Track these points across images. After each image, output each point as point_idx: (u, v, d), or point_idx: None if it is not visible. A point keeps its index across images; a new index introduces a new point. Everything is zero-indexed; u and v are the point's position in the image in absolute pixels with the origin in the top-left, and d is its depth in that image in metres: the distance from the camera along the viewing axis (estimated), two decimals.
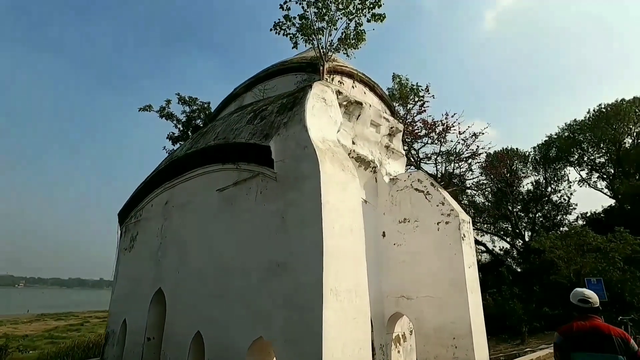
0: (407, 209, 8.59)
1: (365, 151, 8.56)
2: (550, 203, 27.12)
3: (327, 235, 4.58)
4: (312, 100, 5.89)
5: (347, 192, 5.18)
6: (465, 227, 7.82)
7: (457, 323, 7.17)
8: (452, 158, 18.15)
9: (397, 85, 10.32)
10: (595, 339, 2.95)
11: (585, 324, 3.05)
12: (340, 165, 5.30)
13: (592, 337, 2.96)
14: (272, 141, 5.67)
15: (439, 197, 8.16)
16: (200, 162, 7.54)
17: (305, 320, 4.36)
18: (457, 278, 7.39)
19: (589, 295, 3.19)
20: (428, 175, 8.92)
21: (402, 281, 8.21)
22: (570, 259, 13.99)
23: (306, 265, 4.60)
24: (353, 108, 8.16)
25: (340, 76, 8.81)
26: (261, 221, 5.55)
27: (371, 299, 8.19)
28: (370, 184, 9.00)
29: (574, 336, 3.04)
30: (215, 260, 6.38)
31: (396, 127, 9.32)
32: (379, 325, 8.17)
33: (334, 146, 5.64)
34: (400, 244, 8.47)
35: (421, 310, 7.74)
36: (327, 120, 6.02)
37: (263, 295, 5.08)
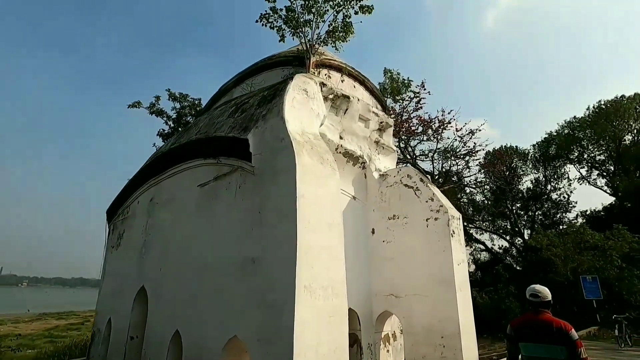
0: (396, 206, 8.40)
1: (354, 146, 8.37)
2: (550, 201, 26.88)
3: (302, 230, 4.41)
4: (292, 92, 5.71)
5: (326, 186, 5.00)
6: (454, 223, 7.62)
7: (445, 322, 6.98)
8: (449, 155, 17.94)
9: (389, 80, 10.12)
10: (539, 331, 3.21)
11: (533, 317, 3.34)
12: (320, 159, 5.12)
13: (537, 328, 3.24)
14: (250, 134, 5.51)
15: (428, 193, 7.97)
16: (183, 158, 7.38)
17: (277, 319, 4.18)
18: (446, 275, 7.19)
19: (539, 291, 3.47)
20: (418, 171, 8.73)
21: (391, 279, 8.02)
22: (567, 257, 13.76)
23: (280, 261, 4.43)
24: (340, 102, 7.97)
25: (329, 70, 8.63)
26: (238, 216, 5.39)
27: (360, 297, 8.09)
28: (359, 180, 8.81)
29: (522, 328, 3.36)
30: (194, 257, 6.22)
31: (386, 122, 9.13)
32: (368, 323, 7.99)
33: (314, 139, 5.46)
34: (390, 241, 8.29)
35: (410, 308, 7.56)
36: (308, 113, 5.84)
37: (238, 292, 4.91)
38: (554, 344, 3.12)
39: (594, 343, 9.96)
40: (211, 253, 5.75)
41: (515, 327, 3.43)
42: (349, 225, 8.31)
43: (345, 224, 8.21)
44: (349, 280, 7.92)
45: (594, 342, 10.18)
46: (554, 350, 3.10)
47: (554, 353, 3.09)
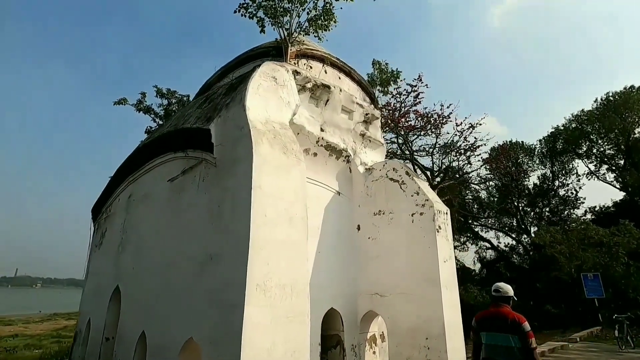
0: (382, 201, 8.03)
1: (337, 139, 8.02)
2: (557, 197, 26.11)
3: (257, 224, 4.09)
4: (258, 79, 5.40)
5: (288, 177, 4.68)
6: (441, 218, 7.22)
7: (430, 322, 6.60)
8: (449, 150, 17.44)
9: (377, 72, 9.73)
10: (496, 322, 3.63)
11: (493, 310, 3.74)
12: (282, 148, 4.79)
13: (495, 320, 3.65)
14: (213, 124, 5.21)
15: (413, 186, 7.58)
16: (156, 152, 7.13)
17: (227, 320, 3.87)
18: (431, 273, 6.80)
19: (500, 287, 3.85)
20: (404, 164, 8.34)
21: (376, 277, 7.66)
22: (571, 254, 13.19)
23: (232, 258, 4.12)
24: (320, 92, 7.63)
25: (309, 60, 8.28)
26: (200, 211, 5.09)
27: (343, 297, 7.73)
28: (343, 175, 8.46)
29: (483, 319, 3.79)
30: (162, 255, 5.95)
31: (372, 113, 8.75)
32: (352, 324, 7.64)
33: (279, 128, 5.13)
34: (375, 237, 7.92)
35: (394, 308, 7.18)
36: (276, 101, 5.51)
37: (197, 292, 4.61)
38: (508, 333, 3.51)
39: (594, 345, 9.41)
40: (176, 250, 5.47)
41: (478, 320, 3.85)
42: (333, 221, 7.98)
43: (328, 220, 7.96)
44: (330, 280, 7.64)
45: (594, 343, 9.62)
46: (508, 339, 3.49)
47: (508, 341, 3.49)
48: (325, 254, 7.54)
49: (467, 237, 28.80)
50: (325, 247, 7.59)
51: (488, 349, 3.64)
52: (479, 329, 3.76)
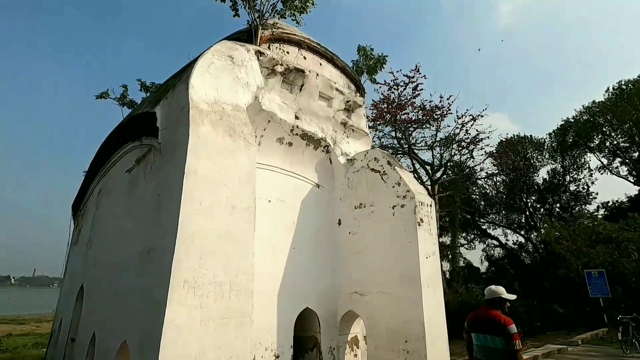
0: (363, 193, 7.49)
1: (314, 127, 7.52)
2: (568, 193, 25.04)
3: (188, 213, 3.62)
4: (209, 58, 4.93)
5: (233, 162, 4.20)
6: (423, 210, 6.65)
7: (410, 323, 6.04)
8: (450, 142, 16.75)
9: (363, 58, 9.18)
10: (484, 324, 3.76)
11: (483, 312, 3.86)
12: (228, 130, 4.31)
13: (484, 322, 3.77)
14: (159, 106, 4.77)
15: (395, 177, 7.02)
16: (119, 144, 6.74)
17: (152, 321, 3.41)
18: (411, 270, 6.25)
19: (491, 289, 3.96)
20: (386, 153, 7.77)
21: (356, 275, 7.14)
22: (578, 251, 12.41)
23: (162, 251, 3.66)
24: (294, 77, 7.13)
25: (286, 44, 7.76)
26: (146, 202, 4.66)
27: (320, 296, 7.21)
28: (323, 166, 7.95)
29: (473, 321, 3.93)
30: (115, 251, 5.55)
31: (354, 100, 8.21)
32: (331, 325, 7.13)
33: (230, 109, 4.66)
34: (356, 232, 7.40)
35: (373, 308, 6.65)
36: (231, 81, 5.04)
37: (133, 290, 4.17)
38: (494, 334, 3.62)
39: (597, 348, 8.63)
40: (125, 246, 5.05)
41: (469, 321, 3.99)
42: (311, 215, 7.48)
43: (305, 214, 7.45)
44: (306, 277, 7.13)
45: (598, 346, 8.84)
46: (494, 340, 3.60)
47: (494, 343, 3.60)
48: (301, 250, 7.05)
49: (475, 234, 27.95)
50: (301, 242, 7.10)
51: (477, 350, 3.80)
52: (470, 330, 3.92)
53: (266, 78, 6.76)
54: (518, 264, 23.75)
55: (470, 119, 16.35)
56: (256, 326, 6.02)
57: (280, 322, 6.33)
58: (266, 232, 6.57)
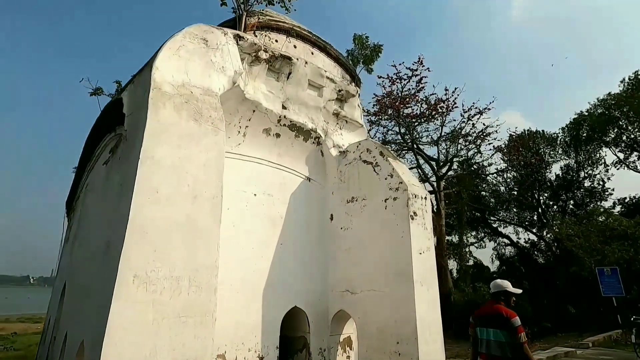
0: (355, 186, 7.13)
1: (303, 118, 7.17)
2: (582, 189, 24.12)
3: (141, 203, 3.33)
4: (180, 40, 4.64)
5: (198, 148, 3.89)
6: (417, 203, 6.25)
7: (401, 323, 5.65)
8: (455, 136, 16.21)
9: (358, 47, 8.79)
10: (489, 318, 3.75)
11: (486, 307, 3.88)
12: (194, 115, 4.01)
13: (489, 316, 3.76)
14: (126, 91, 4.50)
15: (387, 168, 6.63)
16: (99, 136, 6.52)
17: (100, 319, 3.12)
18: (403, 267, 5.86)
19: (496, 283, 3.96)
20: (379, 144, 7.38)
21: (348, 272, 6.78)
22: (591, 248, 11.78)
23: (115, 244, 3.36)
24: (280, 64, 6.81)
25: (275, 32, 7.44)
26: (111, 193, 4.39)
27: (310, 295, 6.85)
28: (314, 158, 7.60)
29: (478, 316, 3.92)
30: (87, 246, 5.31)
31: (347, 90, 7.83)
32: (322, 325, 6.78)
33: (201, 94, 4.35)
34: (348, 227, 7.03)
35: (365, 307, 6.28)
36: (204, 65, 4.74)
37: (92, 286, 3.90)
38: (497, 328, 3.62)
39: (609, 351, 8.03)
40: (93, 241, 4.80)
41: (475, 315, 3.98)
42: (301, 210, 7.14)
43: (295, 208, 7.11)
44: (294, 275, 6.77)
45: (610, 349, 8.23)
46: (499, 334, 3.60)
47: (499, 336, 3.59)
48: (289, 246, 6.72)
49: (485, 232, 27.21)
50: (290, 238, 6.77)
51: (483, 344, 3.76)
52: (475, 324, 3.91)
53: (250, 65, 6.46)
54: (530, 262, 23.00)
55: (477, 113, 15.79)
56: (239, 326, 5.76)
57: (266, 322, 6.01)
58: (251, 227, 6.27)
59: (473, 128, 16.11)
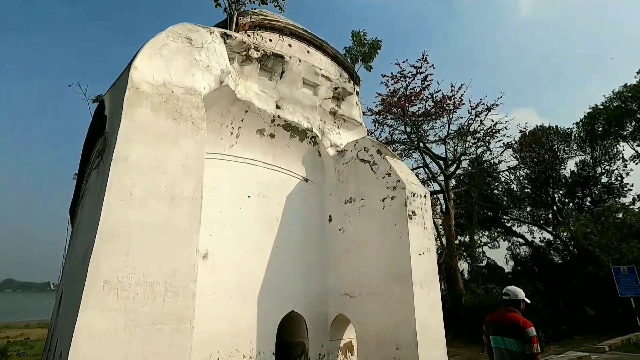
0: (353, 186, 6.92)
1: (298, 117, 7.01)
2: (599, 185, 23.30)
3: (113, 204, 3.20)
4: (163, 39, 4.54)
5: (176, 148, 3.76)
6: (416, 202, 6.00)
7: (401, 327, 5.41)
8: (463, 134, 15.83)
9: (357, 44, 8.60)
10: (501, 326, 3.65)
11: (499, 314, 3.76)
12: (173, 114, 3.88)
13: (502, 324, 3.66)
14: (108, 93, 4.40)
15: (385, 167, 6.41)
16: (93, 141, 6.48)
17: (69, 328, 2.99)
18: (402, 268, 5.61)
19: (509, 291, 3.84)
20: (376, 142, 7.15)
21: (346, 275, 6.57)
22: (609, 246, 11.27)
23: (87, 249, 3.24)
24: (273, 63, 6.66)
25: (269, 32, 7.30)
26: (93, 196, 4.29)
27: (308, 299, 6.64)
28: (311, 159, 7.42)
29: (491, 323, 3.82)
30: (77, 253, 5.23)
31: (343, 87, 7.64)
32: (321, 329, 6.57)
33: (183, 93, 4.22)
34: (346, 228, 6.82)
35: (364, 311, 6.05)
36: (187, 64, 4.62)
37: (71, 293, 3.79)
38: (511, 337, 3.53)
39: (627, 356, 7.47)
40: (79, 247, 4.71)
41: (488, 322, 3.88)
42: (297, 212, 6.97)
43: (291, 210, 6.93)
44: (291, 278, 6.56)
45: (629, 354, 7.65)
46: (512, 343, 3.50)
47: (512, 345, 3.49)
48: (286, 248, 6.55)
49: (499, 232, 26.55)
50: (286, 241, 6.60)
51: (495, 352, 3.68)
52: (488, 332, 3.82)
53: (241, 65, 6.34)
54: (546, 262, 22.29)
55: (485, 109, 15.40)
56: (233, 331, 5.60)
57: (261, 327, 5.84)
58: (246, 230, 6.13)
59: (481, 125, 15.72)
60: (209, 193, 5.92)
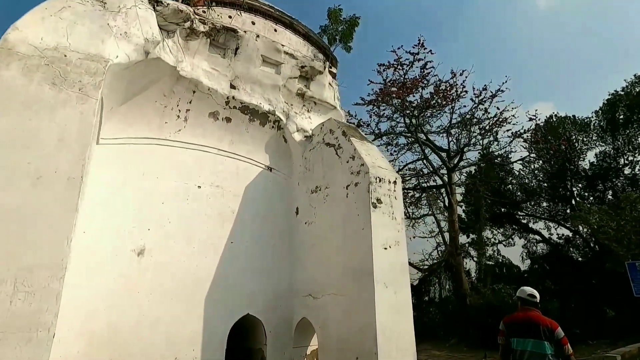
0: (319, 174, 6.18)
1: (257, 99, 6.31)
2: (622, 177, 21.70)
3: None
4: (65, 0, 3.92)
5: (50, 118, 3.13)
6: (382, 189, 5.20)
7: (361, 334, 4.62)
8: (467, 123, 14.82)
9: (333, 22, 7.84)
10: (527, 327, 3.46)
11: (522, 314, 3.59)
12: (53, 79, 3.25)
13: (525, 325, 3.49)
14: None
15: (349, 150, 5.63)
16: None
17: None
18: (363, 264, 4.83)
19: (531, 291, 3.69)
20: (341, 122, 6.36)
21: (311, 273, 5.83)
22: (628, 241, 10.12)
23: None
24: (225, 39, 6.00)
25: (227, 8, 6.61)
26: None
27: (267, 300, 5.85)
28: (276, 145, 6.71)
29: (512, 324, 3.62)
30: None
31: (311, 66, 6.90)
32: (283, 335, 5.84)
33: (78, 58, 3.59)
34: (312, 221, 6.08)
35: (326, 314, 5.29)
36: (97, 28, 4.00)
37: None
38: (539, 339, 3.33)
39: None
40: None
41: (507, 323, 3.66)
42: (259, 204, 6.25)
43: (251, 202, 6.19)
44: (248, 278, 5.76)
45: None
46: (541, 345, 3.31)
47: (540, 348, 3.30)
48: (242, 244, 5.86)
49: (514, 229, 25.16)
50: (243, 236, 5.91)
51: (519, 355, 3.46)
52: (509, 334, 3.59)
53: (186, 40, 5.70)
54: (564, 260, 20.86)
55: (490, 96, 14.36)
56: (172, 338, 4.93)
57: (209, 333, 5.17)
58: (193, 224, 5.48)
59: (486, 113, 14.66)
60: (148, 182, 5.34)
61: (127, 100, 5.25)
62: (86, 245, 4.62)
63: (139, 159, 5.31)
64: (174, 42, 5.42)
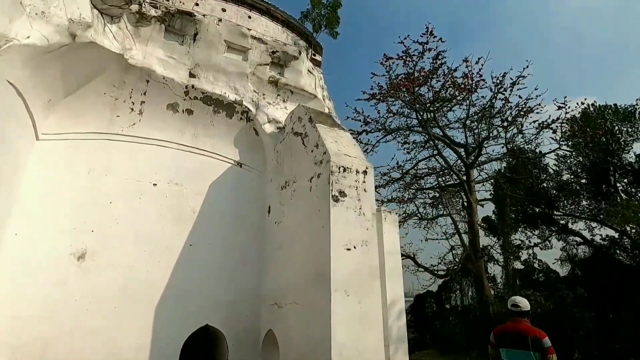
0: (288, 167, 5.55)
1: (221, 88, 5.80)
2: None
3: None
4: None
5: None
6: (346, 180, 4.46)
7: (318, 350, 3.90)
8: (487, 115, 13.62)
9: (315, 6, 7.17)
10: (515, 338, 3.49)
11: (511, 325, 3.59)
12: None
13: (513, 336, 3.52)
14: None
15: (314, 137, 4.95)
16: None
17: None
18: (320, 269, 4.12)
19: (518, 302, 3.67)
20: (311, 109, 5.64)
21: (277, 279, 5.18)
22: None
23: None
24: (181, 24, 5.56)
25: None
26: None
27: (231, 310, 5.22)
28: (247, 139, 6.16)
29: (501, 335, 3.63)
30: None
31: (284, 51, 6.30)
32: (249, 348, 5.22)
33: None
34: (281, 220, 5.44)
35: (288, 325, 4.62)
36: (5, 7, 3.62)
37: None
38: (526, 349, 3.37)
39: None
40: None
41: (497, 334, 3.66)
42: (224, 203, 5.68)
43: (216, 201, 5.56)
44: (209, 285, 5.09)
45: None
46: (529, 356, 3.34)
47: (528, 358, 3.33)
48: (203, 247, 5.32)
49: (551, 230, 23.14)
50: (205, 238, 5.37)
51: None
52: (498, 345, 3.59)
53: (136, 26, 5.30)
54: (610, 263, 18.78)
55: (510, 85, 13.11)
56: (113, 350, 4.43)
57: (158, 346, 4.65)
58: (144, 225, 5.00)
59: (507, 103, 13.39)
60: (94, 180, 4.92)
61: (71, 92, 4.91)
62: (19, 248, 4.28)
63: (86, 156, 4.93)
64: (119, 27, 5.03)
